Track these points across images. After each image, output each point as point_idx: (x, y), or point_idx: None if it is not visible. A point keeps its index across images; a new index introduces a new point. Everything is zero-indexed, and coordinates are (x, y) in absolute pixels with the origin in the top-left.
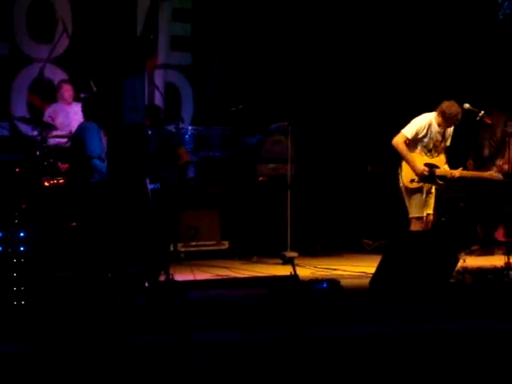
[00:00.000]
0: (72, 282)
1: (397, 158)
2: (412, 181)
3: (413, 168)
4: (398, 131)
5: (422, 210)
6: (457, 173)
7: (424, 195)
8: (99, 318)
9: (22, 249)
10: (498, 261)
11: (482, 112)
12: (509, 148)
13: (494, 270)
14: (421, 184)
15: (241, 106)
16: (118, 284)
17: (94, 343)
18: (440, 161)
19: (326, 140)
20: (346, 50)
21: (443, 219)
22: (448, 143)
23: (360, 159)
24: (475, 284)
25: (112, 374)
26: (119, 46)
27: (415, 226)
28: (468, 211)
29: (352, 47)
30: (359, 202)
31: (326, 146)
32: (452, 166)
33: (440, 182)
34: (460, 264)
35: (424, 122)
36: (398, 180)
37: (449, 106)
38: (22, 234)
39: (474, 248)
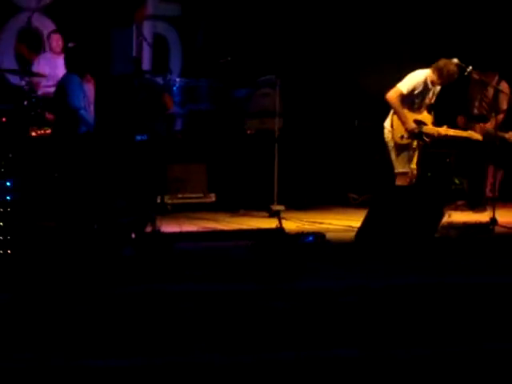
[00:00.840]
0: (56, 232)
1: (384, 113)
2: (402, 137)
3: (404, 124)
4: (385, 85)
5: (408, 165)
6: (442, 131)
7: (411, 151)
8: (85, 268)
9: (7, 198)
10: (483, 216)
11: (470, 67)
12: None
13: (478, 225)
14: (409, 140)
15: (229, 58)
16: (104, 234)
17: (80, 293)
18: (427, 117)
19: (314, 94)
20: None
21: (429, 174)
22: (433, 101)
23: (348, 113)
24: (460, 239)
25: (99, 324)
26: None
27: (401, 181)
28: (453, 166)
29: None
30: (346, 156)
31: (314, 99)
32: (439, 123)
33: (426, 139)
34: (445, 219)
35: (421, 79)
36: (383, 134)
37: (447, 63)
38: (7, 184)
39: (459, 203)
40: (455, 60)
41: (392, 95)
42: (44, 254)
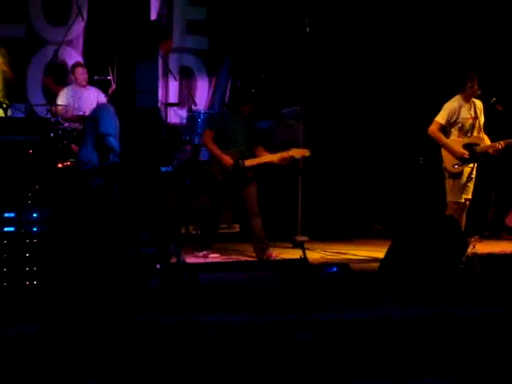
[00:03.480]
0: (82, 263)
1: (409, 144)
2: (455, 165)
3: (452, 153)
4: (411, 117)
5: (461, 195)
6: (499, 144)
7: (465, 180)
8: (111, 298)
9: (34, 229)
10: (507, 247)
11: (494, 98)
12: None
13: (503, 256)
14: (463, 167)
15: (253, 91)
16: (129, 265)
17: (106, 323)
18: (478, 138)
19: (337, 125)
20: (361, 35)
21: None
22: (482, 120)
23: (371, 145)
24: (484, 270)
25: (124, 354)
26: (133, 30)
27: (451, 211)
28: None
29: (366, 33)
30: (370, 187)
31: (337, 131)
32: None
33: (482, 159)
34: (470, 249)
35: (453, 105)
36: (441, 165)
37: (459, 77)
38: (34, 215)
39: (484, 234)
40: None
41: (432, 129)
42: (71, 285)
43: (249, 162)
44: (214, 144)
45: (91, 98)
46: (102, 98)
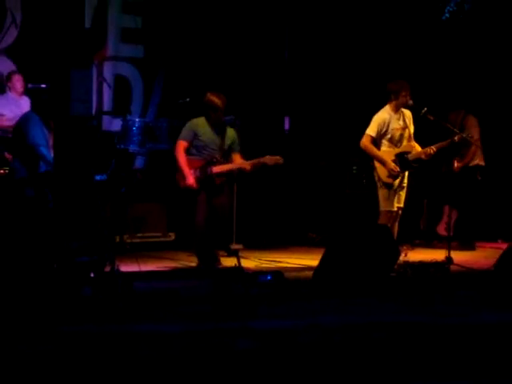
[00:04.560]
0: (14, 272)
1: (343, 152)
2: (389, 176)
3: (384, 166)
4: (351, 127)
5: (394, 203)
6: (430, 149)
7: (396, 188)
8: (43, 307)
9: None
10: (439, 255)
11: (425, 109)
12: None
13: (434, 264)
14: (396, 179)
15: (188, 99)
16: (63, 274)
17: (37, 333)
18: (408, 147)
19: (273, 133)
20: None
21: None
22: (412, 129)
23: (307, 153)
24: (416, 277)
25: (54, 363)
26: (67, 38)
27: (384, 220)
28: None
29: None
30: (305, 195)
31: (273, 139)
32: None
33: (415, 165)
34: (402, 257)
35: (383, 116)
36: (372, 174)
37: (392, 86)
38: None
39: (416, 242)
40: (410, 102)
41: (364, 142)
42: (2, 294)
43: (216, 169)
44: (183, 156)
45: (28, 106)
46: None
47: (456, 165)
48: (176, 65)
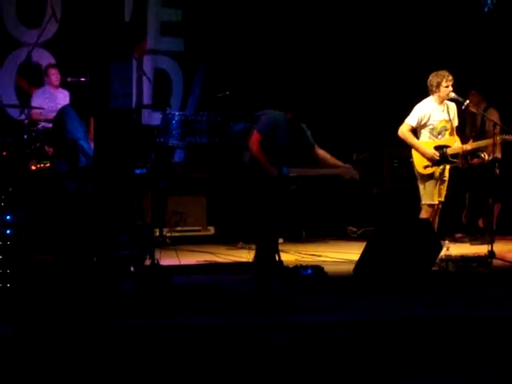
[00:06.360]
0: (55, 266)
1: (383, 146)
2: (426, 166)
3: (423, 154)
4: (384, 118)
5: (434, 197)
6: (468, 146)
7: (437, 182)
8: (85, 301)
9: (8, 232)
10: (481, 249)
11: (468, 101)
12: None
13: (477, 258)
14: (434, 169)
15: (228, 93)
16: (104, 268)
17: (81, 326)
18: (450, 141)
19: (311, 127)
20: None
21: None
22: (456, 123)
23: (346, 146)
24: (458, 272)
25: (100, 356)
26: (107, 32)
27: (425, 213)
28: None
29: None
30: (345, 189)
31: (312, 132)
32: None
33: (454, 160)
34: (443, 252)
35: (425, 106)
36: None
37: (431, 78)
38: (8, 218)
39: (458, 236)
40: (452, 94)
41: (402, 130)
42: (44, 288)
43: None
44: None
45: (65, 99)
46: None
47: (486, 158)
48: (216, 58)
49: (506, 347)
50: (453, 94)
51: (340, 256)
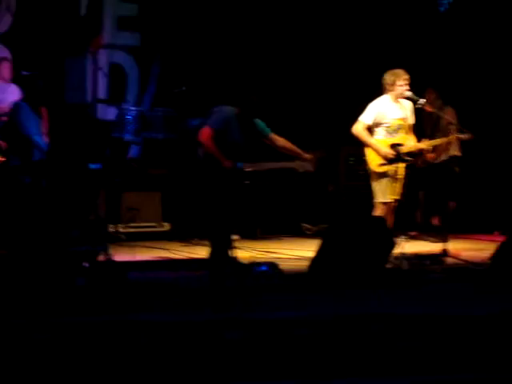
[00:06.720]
0: (8, 260)
1: (338, 143)
2: (381, 165)
3: (377, 152)
4: (341, 116)
5: (388, 195)
6: (423, 144)
7: (390, 180)
8: (38, 297)
9: None
10: (435, 247)
11: (422, 100)
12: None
13: (430, 256)
14: (388, 167)
15: (184, 88)
16: (57, 263)
17: (34, 322)
18: (405, 139)
19: (268, 123)
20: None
21: None
22: (411, 121)
23: (301, 144)
24: (411, 270)
25: (53, 352)
26: (62, 26)
27: (379, 211)
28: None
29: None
30: (299, 186)
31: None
32: None
33: (408, 159)
34: (397, 250)
35: (380, 105)
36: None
37: (386, 76)
38: None
39: (412, 234)
40: (408, 93)
41: (356, 128)
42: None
43: None
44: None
45: (15, 93)
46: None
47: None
48: (172, 53)
49: (457, 344)
50: (408, 93)
51: (295, 253)
